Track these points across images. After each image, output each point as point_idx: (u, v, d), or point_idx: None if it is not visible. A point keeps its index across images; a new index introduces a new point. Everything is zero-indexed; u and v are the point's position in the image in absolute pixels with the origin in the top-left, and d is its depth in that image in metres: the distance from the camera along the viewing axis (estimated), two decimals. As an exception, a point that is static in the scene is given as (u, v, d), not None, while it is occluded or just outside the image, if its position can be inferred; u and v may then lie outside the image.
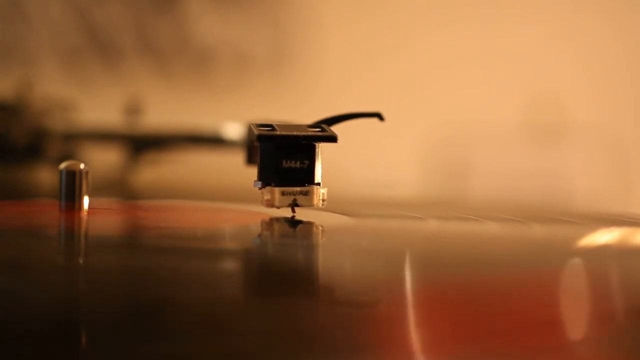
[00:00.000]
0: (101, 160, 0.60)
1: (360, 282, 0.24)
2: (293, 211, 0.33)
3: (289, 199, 0.32)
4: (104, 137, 0.61)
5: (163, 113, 0.61)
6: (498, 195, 0.88)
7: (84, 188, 0.33)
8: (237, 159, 0.44)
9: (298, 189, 0.32)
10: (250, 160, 0.40)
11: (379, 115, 0.34)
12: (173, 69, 1.01)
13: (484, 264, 0.27)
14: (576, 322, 0.21)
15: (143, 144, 0.60)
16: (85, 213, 0.33)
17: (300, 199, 0.32)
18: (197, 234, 0.33)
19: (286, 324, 0.20)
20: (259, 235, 0.34)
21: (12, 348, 0.17)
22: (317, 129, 0.33)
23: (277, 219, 0.34)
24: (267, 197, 0.32)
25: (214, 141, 0.59)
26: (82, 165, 0.34)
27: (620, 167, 0.94)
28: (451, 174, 0.95)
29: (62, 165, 0.34)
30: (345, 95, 0.93)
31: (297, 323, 0.20)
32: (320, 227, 0.34)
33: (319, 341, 0.19)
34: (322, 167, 0.33)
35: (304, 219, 0.33)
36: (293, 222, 0.33)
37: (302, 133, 0.32)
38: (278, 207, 0.32)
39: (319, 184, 0.33)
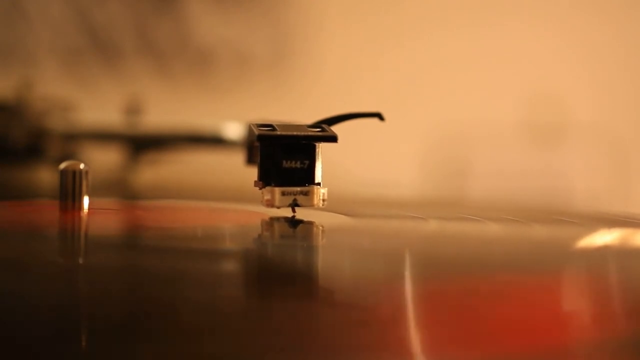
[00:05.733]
0: (101, 160, 0.60)
1: (360, 283, 0.24)
2: (293, 211, 0.33)
3: (289, 199, 0.32)
4: (104, 137, 0.61)
5: (163, 113, 0.61)
6: (498, 195, 0.88)
7: (84, 188, 0.33)
8: (237, 159, 0.44)
9: (298, 189, 0.32)
10: (250, 160, 0.40)
11: (379, 115, 0.34)
12: (173, 69, 1.01)
13: (484, 264, 0.27)
14: (576, 323, 0.21)
15: (143, 144, 0.60)
16: (85, 213, 0.33)
17: (301, 199, 0.32)
18: (197, 234, 0.33)
19: (286, 324, 0.20)
20: (259, 236, 0.34)
21: (12, 348, 0.17)
22: (317, 129, 0.33)
23: (277, 219, 0.34)
24: (267, 197, 0.32)
25: (214, 141, 0.59)
26: (82, 165, 0.34)
27: (620, 167, 0.94)
28: (451, 174, 0.95)
29: (62, 165, 0.34)
30: (345, 95, 0.93)
31: (297, 324, 0.20)
32: (320, 227, 0.34)
33: (318, 342, 0.19)
34: (322, 167, 0.33)
35: (304, 219, 0.33)
36: (293, 222, 0.33)
37: (302, 133, 0.32)
38: (278, 207, 0.32)
39: (319, 184, 0.33)
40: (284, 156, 0.32)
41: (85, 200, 0.34)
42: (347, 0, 1.01)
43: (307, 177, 0.32)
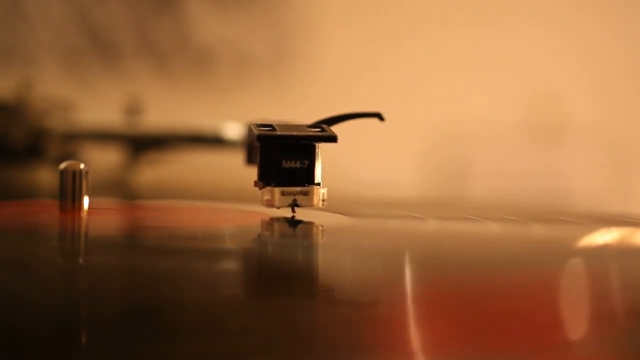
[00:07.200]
0: (101, 160, 0.60)
1: (360, 283, 0.24)
2: (293, 211, 0.33)
3: (289, 199, 0.32)
4: (104, 137, 0.61)
5: (163, 113, 0.61)
6: (498, 195, 0.88)
7: (84, 188, 0.33)
8: (237, 159, 0.44)
9: (298, 189, 0.32)
10: (250, 160, 0.40)
11: (378, 115, 0.34)
12: (173, 69, 1.01)
13: (484, 264, 0.27)
14: (576, 323, 0.21)
15: (143, 144, 0.60)
16: (85, 213, 0.33)
17: (300, 199, 0.32)
18: (197, 234, 0.33)
19: (286, 324, 0.20)
20: (259, 236, 0.34)
21: (12, 349, 0.17)
22: (317, 129, 0.33)
23: (277, 219, 0.34)
24: (267, 197, 0.32)
25: (214, 141, 0.59)
26: (82, 165, 0.34)
27: (620, 167, 0.94)
28: (451, 174, 0.95)
29: (62, 165, 0.33)
30: (345, 95, 0.93)
31: (297, 323, 0.20)
32: (320, 227, 0.34)
33: (318, 341, 0.19)
34: (322, 167, 0.33)
35: (304, 219, 0.33)
36: (293, 222, 0.33)
37: (302, 133, 0.32)
38: (278, 207, 0.32)
39: (319, 184, 0.33)
40: (284, 156, 0.32)
41: (85, 200, 0.34)
42: (347, 0, 1.01)
43: (306, 177, 0.32)
